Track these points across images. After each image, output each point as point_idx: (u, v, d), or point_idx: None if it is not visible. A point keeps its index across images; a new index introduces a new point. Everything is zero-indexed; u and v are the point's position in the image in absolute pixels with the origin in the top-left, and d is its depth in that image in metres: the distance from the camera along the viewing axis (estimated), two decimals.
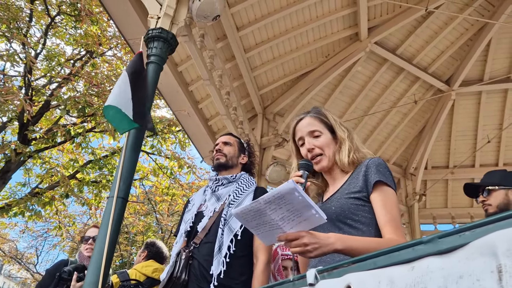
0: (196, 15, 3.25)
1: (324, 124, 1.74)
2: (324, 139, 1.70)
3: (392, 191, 1.53)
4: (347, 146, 1.67)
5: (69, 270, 2.71)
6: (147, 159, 12.48)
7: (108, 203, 2.22)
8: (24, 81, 9.98)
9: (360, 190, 1.54)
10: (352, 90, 6.15)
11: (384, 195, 1.50)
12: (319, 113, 1.78)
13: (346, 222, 1.52)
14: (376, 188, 1.51)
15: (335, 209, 1.55)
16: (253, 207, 1.28)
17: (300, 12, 5.02)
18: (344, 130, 1.72)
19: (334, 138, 1.71)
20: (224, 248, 2.08)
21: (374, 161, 1.58)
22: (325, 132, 1.72)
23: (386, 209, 1.47)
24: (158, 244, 3.83)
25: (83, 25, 10.44)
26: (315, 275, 0.97)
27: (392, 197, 1.51)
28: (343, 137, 1.70)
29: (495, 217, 0.64)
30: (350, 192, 1.56)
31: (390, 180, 1.54)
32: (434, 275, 0.68)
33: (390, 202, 1.50)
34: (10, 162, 9.33)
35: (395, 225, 1.45)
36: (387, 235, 1.44)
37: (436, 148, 6.79)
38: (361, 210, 1.52)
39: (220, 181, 2.40)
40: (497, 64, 5.89)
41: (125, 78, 2.34)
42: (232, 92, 4.80)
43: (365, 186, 1.54)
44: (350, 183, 1.60)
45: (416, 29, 5.60)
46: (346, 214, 1.52)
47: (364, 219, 1.51)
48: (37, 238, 17.60)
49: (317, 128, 1.72)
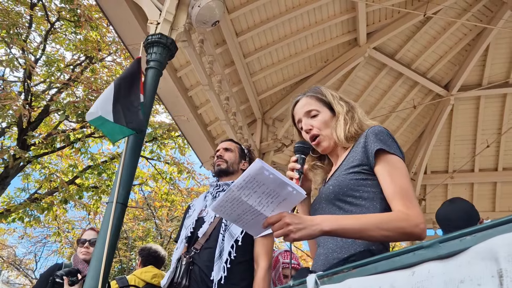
0: (196, 20, 3.27)
1: (322, 102, 1.62)
2: (322, 117, 1.58)
3: (397, 158, 1.36)
4: (342, 121, 1.54)
5: (62, 274, 2.67)
6: (146, 165, 12.49)
7: (108, 209, 2.22)
8: (24, 87, 9.99)
9: (359, 164, 1.40)
10: (351, 95, 6.15)
11: (389, 165, 1.35)
12: (316, 91, 1.66)
13: (346, 200, 1.39)
14: (379, 158, 1.36)
15: (333, 188, 1.43)
16: (228, 196, 1.21)
17: (299, 18, 5.03)
18: (343, 105, 1.59)
19: (334, 115, 1.59)
20: (225, 254, 2.08)
21: (373, 129, 1.43)
22: (323, 110, 1.60)
23: (391, 179, 1.32)
24: (148, 246, 3.78)
25: (82, 30, 10.46)
26: (315, 280, 0.96)
27: (399, 164, 1.35)
28: (340, 111, 1.57)
29: (496, 222, 0.64)
30: (349, 167, 1.43)
31: (395, 147, 1.38)
32: (435, 280, 0.68)
33: (396, 171, 1.33)
34: (9, 168, 9.32)
35: (404, 195, 1.28)
36: (395, 208, 1.28)
37: (435, 153, 6.79)
38: (362, 185, 1.38)
39: (221, 187, 2.40)
40: (496, 69, 5.90)
41: (110, 86, 2.35)
42: (231, 97, 4.81)
43: (365, 158, 1.40)
44: (349, 158, 1.47)
45: (414, 34, 5.62)
46: (345, 191, 1.40)
47: (367, 194, 1.37)
48: (36, 244, 17.54)
49: (313, 107, 1.60)
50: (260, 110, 5.74)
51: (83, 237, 3.00)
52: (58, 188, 9.87)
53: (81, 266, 2.86)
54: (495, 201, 6.82)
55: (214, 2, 3.20)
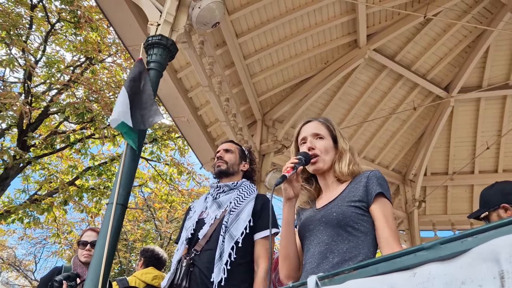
0: (196, 22, 3.26)
1: (329, 132, 1.80)
2: (326, 143, 1.76)
3: (389, 204, 1.60)
4: (347, 157, 1.73)
5: (60, 279, 2.63)
6: (146, 166, 12.48)
7: (108, 210, 2.21)
8: (24, 88, 9.98)
9: (360, 200, 1.58)
10: (351, 97, 6.16)
11: (384, 208, 1.56)
12: (327, 120, 1.85)
13: (347, 229, 1.54)
14: (377, 200, 1.57)
15: (337, 215, 1.57)
16: None
17: (299, 19, 5.04)
18: (347, 143, 1.78)
19: (335, 148, 1.77)
20: (225, 256, 2.07)
21: (375, 174, 1.64)
22: (328, 138, 1.78)
23: (386, 222, 1.53)
24: (151, 248, 3.78)
25: (82, 32, 10.46)
26: (316, 281, 0.96)
27: (390, 210, 1.59)
28: (345, 148, 1.76)
29: (497, 223, 0.64)
30: (350, 200, 1.60)
31: (389, 193, 1.61)
32: (436, 281, 0.68)
33: (389, 216, 1.56)
34: (9, 169, 9.31)
35: (395, 239, 1.51)
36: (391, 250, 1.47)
37: (435, 155, 6.79)
38: (360, 219, 1.56)
39: (221, 188, 2.39)
40: (496, 70, 5.91)
41: (123, 90, 2.37)
42: (231, 98, 4.81)
43: (365, 196, 1.58)
44: (350, 192, 1.64)
45: (414, 36, 5.62)
46: (347, 221, 1.55)
47: (363, 228, 1.55)
48: (36, 245, 17.52)
49: (322, 132, 1.78)
50: (260, 112, 5.74)
51: (83, 239, 2.92)
52: (58, 189, 9.86)
53: (80, 269, 2.80)
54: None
55: (214, 3, 3.20)
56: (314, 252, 1.59)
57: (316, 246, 1.59)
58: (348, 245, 1.52)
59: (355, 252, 1.50)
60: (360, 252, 1.50)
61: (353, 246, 1.51)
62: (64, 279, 2.62)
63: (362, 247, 1.51)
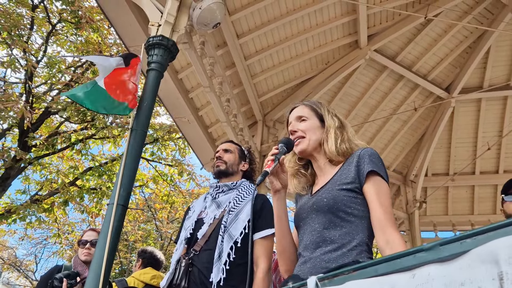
0: (197, 22, 3.27)
1: (314, 112, 1.73)
2: (309, 123, 1.69)
3: (384, 182, 1.49)
4: (333, 134, 1.64)
5: (60, 277, 2.65)
6: (147, 166, 12.48)
7: (108, 210, 2.21)
8: (25, 88, 10.00)
9: (352, 181, 1.50)
10: (352, 97, 6.16)
11: (377, 186, 1.47)
12: (312, 102, 1.79)
13: (339, 214, 1.47)
14: (369, 179, 1.48)
15: (327, 201, 1.50)
16: None
17: (300, 20, 5.04)
18: (335, 120, 1.70)
19: (323, 127, 1.69)
20: (224, 256, 2.07)
21: (366, 151, 1.54)
22: (312, 118, 1.71)
23: (380, 202, 1.43)
24: (150, 249, 3.80)
25: (83, 32, 10.47)
26: (316, 282, 0.96)
27: (385, 189, 1.48)
28: (330, 125, 1.67)
29: (497, 224, 0.64)
30: (342, 183, 1.52)
31: (383, 171, 1.50)
32: (436, 282, 0.68)
33: (384, 194, 1.46)
34: (10, 169, 9.32)
35: (389, 219, 1.41)
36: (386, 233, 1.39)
37: (436, 155, 6.79)
38: (353, 202, 1.47)
39: (220, 188, 2.40)
40: (497, 71, 5.90)
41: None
42: (232, 99, 4.81)
43: (357, 177, 1.50)
44: (342, 174, 1.55)
45: (415, 36, 5.62)
46: (338, 206, 1.47)
47: (357, 211, 1.47)
48: (36, 245, 17.54)
49: (305, 114, 1.73)
50: (261, 112, 5.74)
51: (83, 238, 2.96)
52: (59, 189, 9.87)
53: (81, 268, 2.83)
54: (496, 204, 6.80)
55: (215, 4, 3.21)
56: (307, 242, 1.52)
57: (309, 235, 1.53)
58: (341, 232, 1.45)
59: (349, 238, 1.43)
60: (354, 237, 1.43)
61: (346, 232, 1.44)
62: (65, 277, 2.64)
63: (357, 232, 1.44)
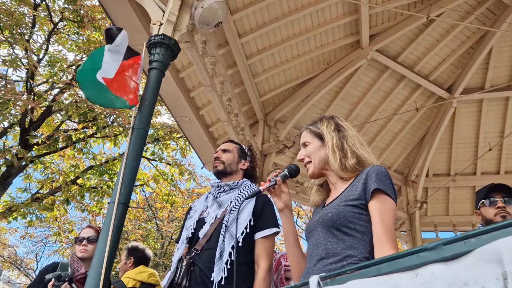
0: (199, 21, 3.26)
1: (313, 134, 1.80)
2: (311, 147, 1.78)
3: (390, 201, 1.49)
4: (331, 153, 1.69)
5: (49, 278, 2.64)
6: (148, 165, 12.49)
7: (109, 209, 2.21)
8: (26, 87, 10.01)
9: (358, 198, 1.53)
10: (354, 97, 6.16)
11: (382, 205, 1.48)
12: (312, 124, 1.86)
13: (341, 229, 1.51)
14: (374, 196, 1.49)
15: (332, 216, 1.54)
16: None
17: (301, 20, 5.03)
18: (333, 136, 1.72)
19: (325, 145, 1.75)
20: (225, 255, 2.07)
21: (374, 169, 1.56)
22: (313, 141, 1.78)
23: (381, 220, 1.44)
24: (141, 247, 3.79)
25: (85, 31, 10.48)
26: (318, 282, 0.96)
27: (389, 206, 1.48)
28: (328, 143, 1.72)
29: (501, 224, 0.64)
30: (348, 199, 1.56)
31: (390, 189, 1.51)
32: (439, 282, 0.68)
33: (387, 212, 1.47)
34: (11, 167, 9.33)
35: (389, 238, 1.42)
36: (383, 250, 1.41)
37: (437, 156, 6.78)
38: (357, 218, 1.50)
39: (222, 188, 2.40)
40: (498, 72, 5.89)
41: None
42: (233, 98, 4.81)
43: (363, 194, 1.52)
44: (350, 191, 1.60)
45: (417, 36, 5.61)
46: (341, 221, 1.51)
47: (360, 227, 1.49)
48: (37, 243, 17.57)
49: (307, 139, 1.81)
50: (262, 112, 5.74)
51: (81, 235, 2.94)
52: (60, 188, 9.87)
53: (77, 265, 2.81)
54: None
55: (217, 3, 3.20)
56: (312, 254, 1.58)
57: (314, 247, 1.58)
58: (343, 245, 1.48)
59: (349, 252, 1.46)
60: (354, 252, 1.46)
61: (347, 246, 1.48)
62: (55, 277, 2.62)
63: (358, 247, 1.46)
